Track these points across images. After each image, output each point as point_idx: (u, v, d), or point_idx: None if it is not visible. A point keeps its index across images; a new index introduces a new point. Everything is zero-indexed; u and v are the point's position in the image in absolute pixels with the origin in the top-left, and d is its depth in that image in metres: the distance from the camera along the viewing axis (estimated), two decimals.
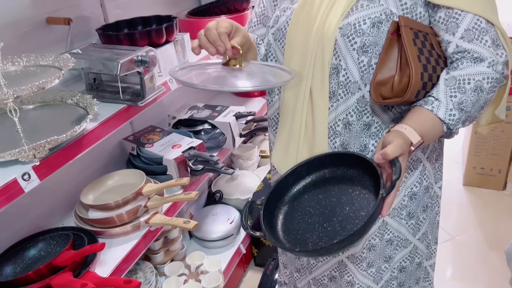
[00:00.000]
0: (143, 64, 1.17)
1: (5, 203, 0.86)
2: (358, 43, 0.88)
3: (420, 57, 0.85)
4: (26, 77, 1.02)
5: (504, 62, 0.87)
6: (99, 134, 1.08)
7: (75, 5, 1.40)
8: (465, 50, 0.87)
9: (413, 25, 0.86)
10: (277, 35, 1.00)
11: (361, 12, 0.88)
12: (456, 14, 0.86)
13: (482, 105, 0.88)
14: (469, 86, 0.85)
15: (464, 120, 0.87)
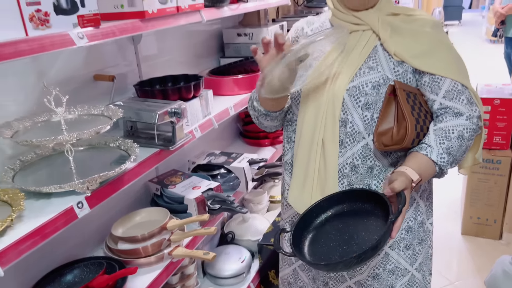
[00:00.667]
0: (176, 115, 1.39)
1: (63, 226, 1.04)
2: (362, 101, 1.09)
3: (413, 112, 1.06)
4: (81, 124, 1.23)
5: (478, 116, 1.10)
6: (137, 172, 1.28)
7: (116, 65, 1.65)
8: (447, 107, 1.09)
9: (405, 87, 1.08)
10: (293, 95, 1.22)
11: (364, 77, 1.10)
12: (438, 79, 1.09)
13: (464, 150, 1.09)
14: (453, 135, 1.07)
15: (451, 162, 1.08)
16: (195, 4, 1.50)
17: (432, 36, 1.11)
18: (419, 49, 1.09)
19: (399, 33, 1.10)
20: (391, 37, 1.09)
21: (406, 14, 1.14)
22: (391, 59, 1.10)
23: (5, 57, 0.86)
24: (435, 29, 1.12)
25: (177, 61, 2.07)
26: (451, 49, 1.13)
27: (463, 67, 1.13)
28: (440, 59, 1.10)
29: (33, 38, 0.92)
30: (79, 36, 1.03)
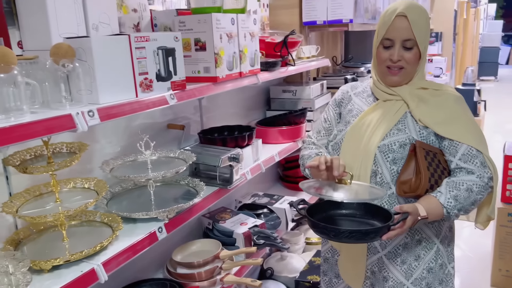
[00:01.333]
0: (235, 160, 1.67)
1: (148, 245, 1.31)
2: (391, 157, 1.33)
3: (429, 168, 1.29)
4: (162, 164, 1.52)
5: (489, 177, 1.30)
6: (202, 206, 1.55)
7: (184, 116, 1.97)
8: (462, 167, 1.31)
9: (426, 147, 1.31)
10: (335, 147, 1.47)
11: (393, 137, 1.34)
12: (455, 144, 1.32)
13: (473, 202, 1.29)
14: (463, 187, 1.28)
15: (459, 209, 1.28)
16: (254, 70, 1.82)
17: (453, 108, 1.34)
18: (441, 117, 1.33)
19: (426, 104, 1.34)
20: (417, 107, 1.34)
21: (434, 88, 1.38)
22: (417, 124, 1.34)
23: (125, 113, 1.17)
24: (457, 102, 1.35)
25: (230, 112, 2.38)
26: (469, 120, 1.35)
27: (479, 135, 1.33)
28: (459, 127, 1.31)
29: (141, 100, 1.23)
30: (171, 97, 1.34)
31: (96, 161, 1.50)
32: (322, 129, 1.59)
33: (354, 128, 1.42)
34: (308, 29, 2.79)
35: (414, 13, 1.30)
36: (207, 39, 1.54)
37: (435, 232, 1.40)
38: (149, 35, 1.26)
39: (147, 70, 1.27)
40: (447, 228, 1.43)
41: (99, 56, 1.13)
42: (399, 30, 1.31)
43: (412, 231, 1.37)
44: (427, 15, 1.37)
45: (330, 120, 1.57)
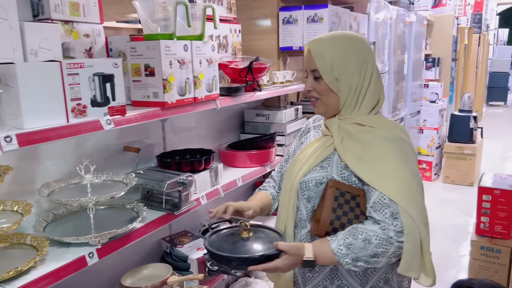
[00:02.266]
0: (183, 185, 1.66)
1: (74, 271, 1.30)
2: (306, 195, 1.29)
3: (336, 210, 1.20)
4: (104, 188, 1.53)
5: (397, 231, 1.14)
6: (144, 232, 1.53)
7: (145, 138, 1.98)
8: (371, 216, 1.20)
9: (342, 187, 1.22)
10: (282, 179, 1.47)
11: (313, 174, 1.29)
12: (370, 189, 1.20)
13: (373, 255, 1.14)
14: (361, 236, 1.15)
15: (353, 259, 1.15)
16: (211, 95, 1.83)
17: (378, 149, 1.21)
18: (362, 158, 1.21)
19: (352, 140, 1.26)
20: (342, 143, 1.27)
21: (370, 126, 1.26)
22: (340, 163, 1.27)
23: (50, 139, 1.18)
24: (384, 143, 1.22)
25: (203, 134, 2.39)
26: (394, 165, 1.20)
27: (401, 183, 1.17)
28: (376, 171, 1.19)
29: (71, 125, 1.24)
30: (107, 122, 1.35)
31: (40, 182, 1.51)
32: (283, 162, 1.59)
33: (292, 162, 1.41)
34: (287, 54, 2.81)
35: (318, 45, 1.28)
36: (155, 65, 1.56)
37: (359, 281, 1.28)
38: (84, 62, 1.28)
39: (81, 96, 1.28)
40: (380, 279, 1.28)
41: (25, 82, 1.15)
42: (306, 61, 1.32)
43: (332, 274, 1.29)
44: (342, 47, 1.27)
45: (289, 153, 1.57)
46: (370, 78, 1.29)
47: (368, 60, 1.29)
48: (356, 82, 1.27)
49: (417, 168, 1.25)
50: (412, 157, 1.26)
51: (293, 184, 1.32)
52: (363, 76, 1.28)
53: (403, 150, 1.24)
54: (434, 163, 5.20)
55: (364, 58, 1.28)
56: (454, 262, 3.28)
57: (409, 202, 1.16)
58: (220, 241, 1.29)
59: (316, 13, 2.54)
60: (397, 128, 1.30)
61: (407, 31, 4.43)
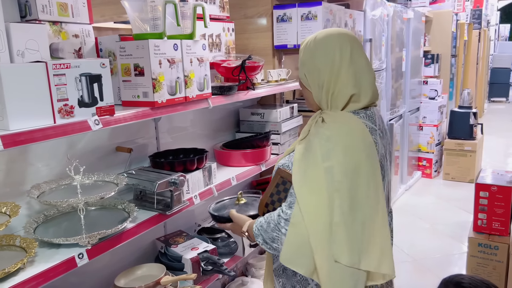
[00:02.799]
0: (174, 185, 1.65)
1: (64, 272, 1.29)
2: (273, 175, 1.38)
3: (272, 194, 1.32)
4: (94, 188, 1.52)
5: (285, 219, 1.22)
6: (135, 232, 1.53)
7: (137, 138, 1.98)
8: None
9: (285, 176, 1.29)
10: None
11: (282, 161, 1.38)
12: None
13: (271, 238, 1.26)
14: (268, 219, 1.29)
15: (263, 239, 1.29)
16: (203, 94, 1.82)
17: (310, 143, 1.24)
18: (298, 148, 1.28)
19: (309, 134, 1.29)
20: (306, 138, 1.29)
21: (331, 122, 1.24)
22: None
23: (35, 140, 1.18)
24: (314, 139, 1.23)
25: (198, 133, 2.38)
26: (312, 160, 1.20)
27: (306, 177, 1.20)
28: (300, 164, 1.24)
29: (58, 125, 1.24)
30: (95, 123, 1.35)
31: (31, 183, 1.51)
32: None
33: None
34: (282, 53, 2.80)
35: (303, 43, 1.35)
36: (145, 64, 1.55)
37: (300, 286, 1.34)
38: (70, 62, 1.27)
39: (67, 97, 1.28)
40: (280, 266, 1.38)
41: (9, 83, 1.14)
42: None
43: None
44: (315, 44, 1.29)
45: None
46: (343, 75, 1.25)
47: (341, 56, 1.25)
48: (323, 79, 1.26)
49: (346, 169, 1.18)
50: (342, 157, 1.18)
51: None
52: (332, 73, 1.25)
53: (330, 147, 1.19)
54: (434, 160, 5.18)
55: (334, 54, 1.25)
56: (455, 260, 3.26)
57: (309, 198, 1.18)
58: (221, 206, 1.63)
59: (310, 10, 2.53)
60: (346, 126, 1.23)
61: (405, 28, 4.41)
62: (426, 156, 5.16)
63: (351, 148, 1.20)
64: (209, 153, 2.02)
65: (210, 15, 2.21)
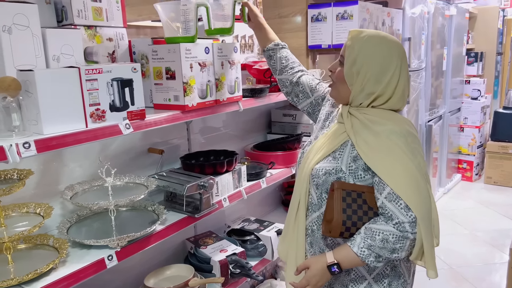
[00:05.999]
0: (204, 188, 1.65)
1: (93, 273, 1.32)
2: (315, 182, 1.31)
3: (345, 210, 1.23)
4: (125, 190, 1.55)
5: (410, 221, 1.19)
6: (164, 234, 1.54)
7: (169, 139, 2.00)
8: (386, 207, 1.21)
9: (346, 187, 1.24)
10: (301, 156, 1.47)
11: (324, 164, 1.31)
12: (382, 181, 1.22)
13: (392, 250, 1.21)
14: (378, 237, 1.21)
15: (375, 257, 1.21)
16: (234, 97, 1.81)
17: (387, 142, 1.22)
18: (373, 149, 1.23)
19: (363, 128, 1.25)
20: (353, 129, 1.27)
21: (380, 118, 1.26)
22: (351, 154, 1.27)
23: (67, 144, 1.20)
24: (394, 137, 1.22)
25: (229, 134, 2.38)
26: (402, 160, 1.20)
27: (410, 180, 1.20)
28: (386, 165, 1.21)
29: (89, 130, 1.26)
30: (126, 127, 1.36)
31: (64, 184, 1.55)
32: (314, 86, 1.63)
33: (310, 149, 1.41)
34: (316, 53, 2.75)
35: (356, 36, 1.30)
36: (176, 68, 1.55)
37: (366, 268, 1.32)
38: (102, 67, 1.29)
39: (99, 101, 1.30)
40: (387, 266, 1.32)
41: (44, 88, 1.17)
42: (344, 45, 1.33)
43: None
44: (374, 49, 1.26)
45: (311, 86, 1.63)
46: (392, 91, 1.28)
47: (393, 70, 1.27)
48: (371, 87, 1.28)
49: (423, 162, 1.26)
50: (419, 152, 1.26)
51: (306, 171, 1.35)
52: (381, 85, 1.27)
53: (411, 144, 1.24)
54: (476, 162, 4.96)
55: (388, 67, 1.27)
56: (495, 270, 3.12)
57: (417, 198, 1.20)
58: None
59: (345, 10, 2.46)
60: (405, 123, 1.29)
61: (447, 25, 4.23)
62: (466, 159, 4.95)
63: (419, 141, 1.29)
64: (239, 155, 2.01)
65: None
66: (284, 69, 1.67)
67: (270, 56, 1.70)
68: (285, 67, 1.67)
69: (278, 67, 1.69)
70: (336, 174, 1.27)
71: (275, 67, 1.69)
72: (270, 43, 1.70)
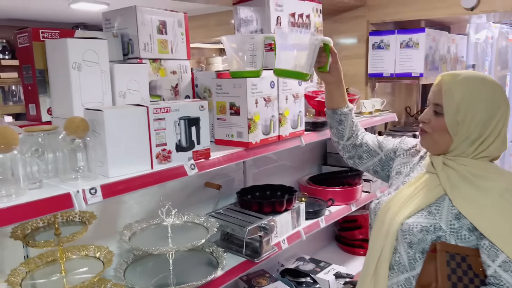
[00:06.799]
0: (264, 230, 1.55)
1: None
2: (408, 239, 1.14)
3: (451, 276, 1.06)
4: (184, 231, 1.47)
5: None
6: (223, 281, 1.44)
7: (226, 172, 1.91)
8: (500, 277, 1.04)
9: (451, 249, 1.08)
10: (376, 207, 1.29)
11: (418, 219, 1.14)
12: (494, 246, 1.05)
13: None
14: None
15: None
16: (296, 132, 1.71)
17: (498, 202, 1.08)
18: (480, 207, 1.08)
19: (464, 183, 1.11)
20: (449, 182, 1.12)
21: (483, 172, 1.13)
22: (451, 211, 1.11)
23: (134, 188, 1.14)
24: (507, 196, 1.08)
25: (284, 165, 2.28)
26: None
27: None
28: (500, 228, 1.06)
29: (155, 172, 1.19)
30: (191, 167, 1.29)
31: (122, 221, 1.50)
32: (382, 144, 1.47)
33: (392, 199, 1.24)
34: (375, 81, 2.62)
35: (452, 81, 1.15)
36: (241, 104, 1.48)
37: None
38: (171, 106, 1.23)
39: (166, 141, 1.23)
40: None
41: (112, 129, 1.11)
42: (434, 92, 1.19)
43: None
44: (477, 92, 1.13)
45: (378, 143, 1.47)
46: (497, 134, 1.14)
47: (500, 114, 1.13)
48: (477, 133, 1.14)
49: None
50: None
51: (393, 225, 1.18)
52: (488, 129, 1.13)
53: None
54: None
55: (495, 110, 1.13)
56: None
57: None
58: None
59: (411, 37, 2.33)
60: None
61: (510, 50, 3.98)
62: None
63: None
64: (298, 192, 1.89)
65: None
66: (352, 135, 1.48)
67: (341, 121, 1.47)
68: (354, 133, 1.49)
69: (346, 134, 1.48)
70: (434, 232, 1.12)
71: (343, 133, 1.48)
72: (344, 105, 1.46)
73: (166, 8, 1.51)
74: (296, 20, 2.02)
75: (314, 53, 1.34)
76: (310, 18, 2.13)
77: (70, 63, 1.17)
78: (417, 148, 1.38)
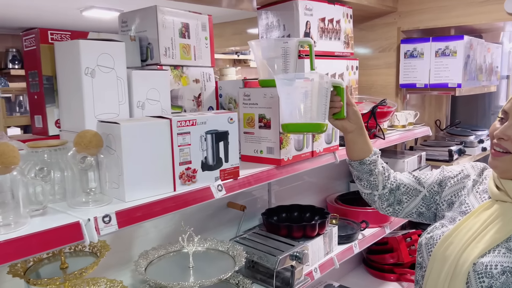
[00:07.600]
0: (297, 259, 1.37)
1: None
2: (486, 283, 0.94)
3: None
4: (207, 259, 1.29)
5: None
6: None
7: (249, 192, 1.74)
8: None
9: None
10: (429, 242, 1.09)
11: (497, 258, 0.95)
12: None
13: None
14: None
15: None
16: (330, 147, 1.53)
17: None
18: None
19: None
20: None
21: None
22: None
23: (154, 215, 0.97)
24: None
25: (310, 183, 2.10)
26: None
27: None
28: None
29: (178, 195, 1.02)
30: (218, 189, 1.12)
31: (137, 247, 1.33)
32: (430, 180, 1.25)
33: (456, 229, 1.04)
34: (406, 91, 2.44)
35: None
36: (272, 116, 1.31)
37: None
38: (197, 118, 1.06)
39: (191, 159, 1.06)
40: None
41: (129, 145, 0.95)
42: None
43: None
44: None
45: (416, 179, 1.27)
46: None
47: None
48: None
49: None
50: None
51: (460, 264, 0.98)
52: None
53: None
54: None
55: None
56: None
57: None
58: None
59: (447, 45, 2.15)
60: None
61: None
62: None
63: None
64: (330, 214, 1.71)
65: (334, 52, 1.94)
66: (386, 182, 1.28)
67: (371, 171, 1.26)
68: (387, 178, 1.28)
69: (380, 184, 1.27)
70: None
71: (376, 183, 1.27)
72: (370, 153, 1.26)
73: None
74: (326, 26, 1.86)
75: (327, 98, 1.14)
76: (340, 23, 1.97)
77: (82, 68, 1.01)
78: (464, 172, 1.19)
